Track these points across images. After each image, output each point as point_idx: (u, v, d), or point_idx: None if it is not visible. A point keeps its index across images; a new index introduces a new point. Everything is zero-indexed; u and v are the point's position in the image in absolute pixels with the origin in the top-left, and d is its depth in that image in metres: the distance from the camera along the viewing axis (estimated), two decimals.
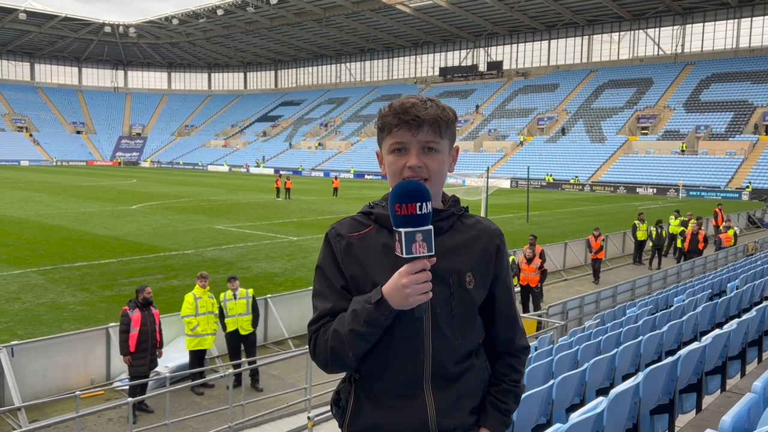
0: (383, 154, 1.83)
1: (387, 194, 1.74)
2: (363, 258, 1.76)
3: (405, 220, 1.59)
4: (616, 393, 3.82)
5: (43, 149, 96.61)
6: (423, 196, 1.60)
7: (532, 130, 72.93)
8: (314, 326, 1.78)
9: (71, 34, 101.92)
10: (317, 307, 1.80)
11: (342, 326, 1.70)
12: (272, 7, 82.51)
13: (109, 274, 16.20)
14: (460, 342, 1.78)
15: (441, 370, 1.77)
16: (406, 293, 1.60)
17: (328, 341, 1.72)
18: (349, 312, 1.70)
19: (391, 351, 1.75)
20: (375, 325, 1.66)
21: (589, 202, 43.87)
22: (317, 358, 1.77)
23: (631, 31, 78.83)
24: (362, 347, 1.70)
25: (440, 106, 1.79)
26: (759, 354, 6.64)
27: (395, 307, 1.63)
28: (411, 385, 1.76)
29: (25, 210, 30.31)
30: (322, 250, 1.84)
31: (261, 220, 28.55)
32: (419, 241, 1.58)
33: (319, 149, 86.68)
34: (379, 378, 1.78)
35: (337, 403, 1.91)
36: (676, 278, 15.89)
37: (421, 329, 1.74)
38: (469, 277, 1.78)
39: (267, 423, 8.32)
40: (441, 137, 1.77)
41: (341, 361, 1.73)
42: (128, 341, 8.55)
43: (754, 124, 57.66)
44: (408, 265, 1.59)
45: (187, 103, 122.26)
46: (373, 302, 1.65)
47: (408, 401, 1.76)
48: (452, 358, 1.78)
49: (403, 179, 1.73)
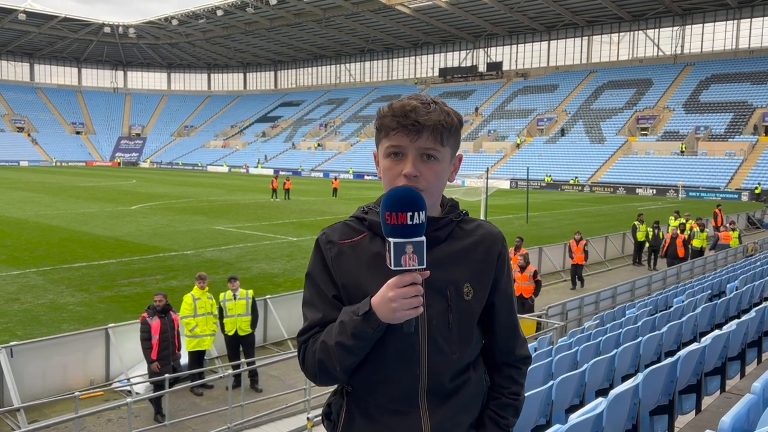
0: (379, 156, 1.72)
1: (382, 196, 1.61)
2: (355, 267, 1.67)
3: (395, 230, 1.48)
4: (615, 394, 3.82)
5: (42, 150, 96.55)
6: (416, 205, 1.49)
7: (532, 131, 72.95)
8: (303, 337, 1.70)
9: (71, 35, 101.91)
10: (307, 316, 1.71)
11: (330, 338, 1.61)
12: (272, 8, 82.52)
13: (109, 275, 16.19)
14: (457, 356, 1.69)
15: (437, 386, 1.67)
16: (393, 307, 1.50)
17: (316, 353, 1.63)
18: (337, 323, 1.61)
19: (384, 364, 1.66)
20: (362, 338, 1.57)
21: (589, 202, 43.88)
22: (306, 371, 1.69)
23: (630, 32, 78.85)
24: (350, 361, 1.61)
25: (444, 110, 1.66)
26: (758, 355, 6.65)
27: (383, 321, 1.54)
28: (406, 400, 1.67)
29: (24, 210, 30.30)
30: (313, 256, 1.75)
31: (260, 220, 28.54)
32: (409, 253, 1.47)
33: (319, 150, 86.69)
34: (373, 392, 1.69)
35: (329, 417, 1.81)
36: (676, 279, 15.90)
37: (417, 343, 1.64)
38: (467, 288, 1.69)
39: (266, 424, 8.32)
40: (442, 145, 1.65)
41: (329, 374, 1.64)
42: (151, 348, 8.56)
43: (753, 124, 57.68)
44: (396, 277, 1.49)
45: (187, 103, 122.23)
46: (360, 314, 1.55)
47: (402, 417, 1.67)
48: (449, 373, 1.68)
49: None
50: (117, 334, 9.69)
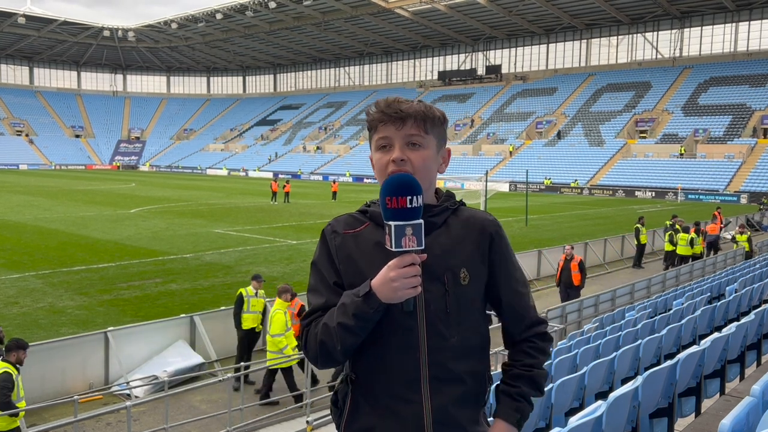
0: (372, 153, 1.83)
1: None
2: (356, 254, 1.77)
3: (395, 213, 1.59)
4: (615, 397, 3.82)
5: (41, 153, 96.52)
6: (413, 189, 1.60)
7: (531, 134, 73.02)
8: (306, 320, 1.78)
9: (70, 39, 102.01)
10: (311, 302, 1.81)
11: (331, 320, 1.69)
12: (271, 12, 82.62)
13: (108, 279, 16.17)
14: (456, 340, 1.74)
15: (439, 371, 1.73)
16: (395, 287, 1.59)
17: (318, 335, 1.71)
18: (338, 305, 1.70)
19: (385, 351, 1.73)
20: (363, 318, 1.65)
21: (588, 205, 43.90)
22: (308, 352, 1.76)
23: (629, 35, 79.00)
24: (351, 341, 1.68)
25: (427, 105, 1.80)
26: (758, 357, 6.65)
27: (384, 301, 1.62)
28: (408, 385, 1.73)
29: (23, 214, 30.28)
30: (318, 246, 1.85)
31: (260, 223, 28.53)
32: (409, 235, 1.58)
33: (318, 153, 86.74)
34: (375, 378, 1.76)
35: (335, 404, 1.89)
36: (675, 282, 15.90)
37: (415, 327, 1.72)
38: (464, 273, 1.76)
39: (265, 427, 8.31)
40: (425, 132, 1.77)
41: (330, 355, 1.71)
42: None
43: (752, 127, 57.76)
44: (397, 258, 1.59)
45: (186, 106, 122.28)
46: (361, 295, 1.64)
47: (405, 402, 1.73)
48: (449, 357, 1.74)
49: (389, 174, 1.71)
50: (116, 338, 9.66)
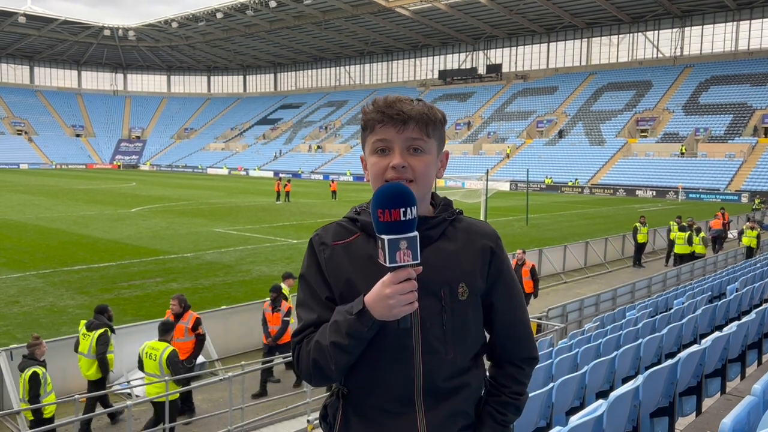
0: (366, 155, 1.71)
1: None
2: (348, 268, 1.67)
3: (388, 226, 1.47)
4: (615, 396, 3.81)
5: (42, 152, 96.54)
6: (407, 200, 1.48)
7: (532, 133, 72.98)
8: (298, 337, 1.69)
9: (70, 38, 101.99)
10: (301, 317, 1.70)
11: (324, 338, 1.60)
12: (271, 11, 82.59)
13: (109, 278, 16.18)
14: (452, 357, 1.67)
15: (433, 387, 1.66)
16: (390, 304, 1.50)
17: (311, 353, 1.62)
18: (330, 323, 1.61)
19: (379, 366, 1.65)
20: (357, 337, 1.56)
21: (589, 204, 43.88)
22: (301, 371, 1.68)
23: (629, 34, 78.92)
24: (345, 360, 1.60)
25: (427, 105, 1.69)
26: (759, 356, 6.64)
27: (378, 318, 1.53)
28: (401, 401, 1.66)
29: (24, 213, 30.29)
30: (306, 257, 1.76)
31: (260, 223, 28.53)
32: (403, 249, 1.47)
33: (319, 152, 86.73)
34: (368, 394, 1.68)
35: (325, 419, 1.80)
36: (676, 281, 15.89)
37: (410, 344, 1.63)
38: (462, 288, 1.67)
39: (266, 426, 8.31)
40: (428, 136, 1.67)
41: (324, 374, 1.62)
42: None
43: (753, 126, 57.71)
44: (392, 274, 1.49)
45: (187, 106, 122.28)
46: (354, 313, 1.55)
47: (398, 418, 1.66)
48: (444, 374, 1.67)
49: (386, 181, 1.63)
50: (117, 337, 9.66)
